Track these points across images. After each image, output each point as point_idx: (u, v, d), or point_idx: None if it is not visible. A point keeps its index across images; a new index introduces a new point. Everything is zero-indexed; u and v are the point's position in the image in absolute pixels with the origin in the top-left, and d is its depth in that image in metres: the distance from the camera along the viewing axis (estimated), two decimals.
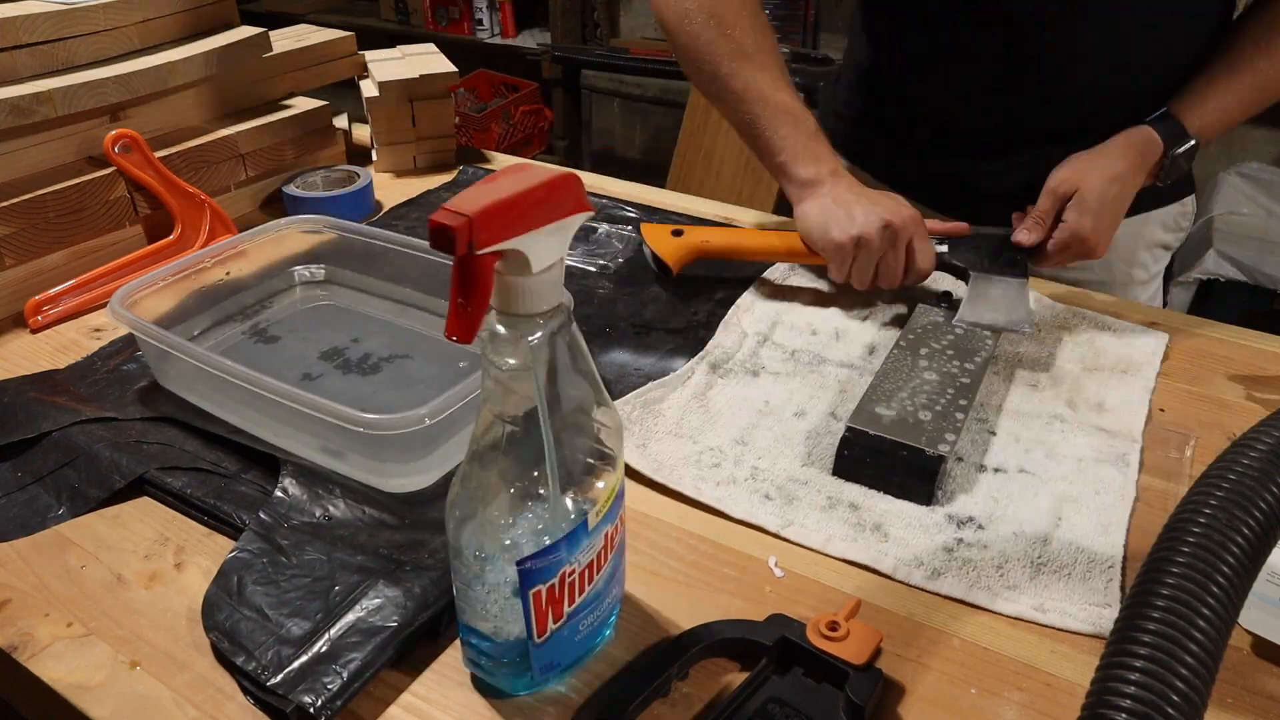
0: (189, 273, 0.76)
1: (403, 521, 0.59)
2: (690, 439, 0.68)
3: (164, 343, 0.66)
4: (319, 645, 0.50)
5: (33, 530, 0.59)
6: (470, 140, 2.97)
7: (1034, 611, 0.54)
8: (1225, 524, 0.38)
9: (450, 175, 1.12)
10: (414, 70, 1.09)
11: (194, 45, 0.95)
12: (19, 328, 0.81)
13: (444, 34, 3.27)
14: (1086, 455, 0.66)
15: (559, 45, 3.03)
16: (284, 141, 1.02)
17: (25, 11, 0.83)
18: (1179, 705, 0.34)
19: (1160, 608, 0.36)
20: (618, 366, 0.76)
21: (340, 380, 0.74)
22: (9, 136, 0.81)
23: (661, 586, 0.56)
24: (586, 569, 0.46)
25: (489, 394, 0.42)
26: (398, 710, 0.49)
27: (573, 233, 0.41)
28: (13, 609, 0.54)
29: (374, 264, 0.83)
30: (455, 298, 0.38)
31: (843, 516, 0.61)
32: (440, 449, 0.62)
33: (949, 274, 0.83)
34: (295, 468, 0.62)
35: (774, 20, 2.64)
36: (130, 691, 0.49)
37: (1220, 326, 0.82)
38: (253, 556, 0.55)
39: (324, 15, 3.44)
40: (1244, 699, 0.49)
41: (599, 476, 0.46)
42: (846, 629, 0.49)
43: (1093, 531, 0.59)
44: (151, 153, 0.88)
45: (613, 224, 0.99)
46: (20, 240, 0.81)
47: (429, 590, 0.53)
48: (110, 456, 0.63)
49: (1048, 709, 0.49)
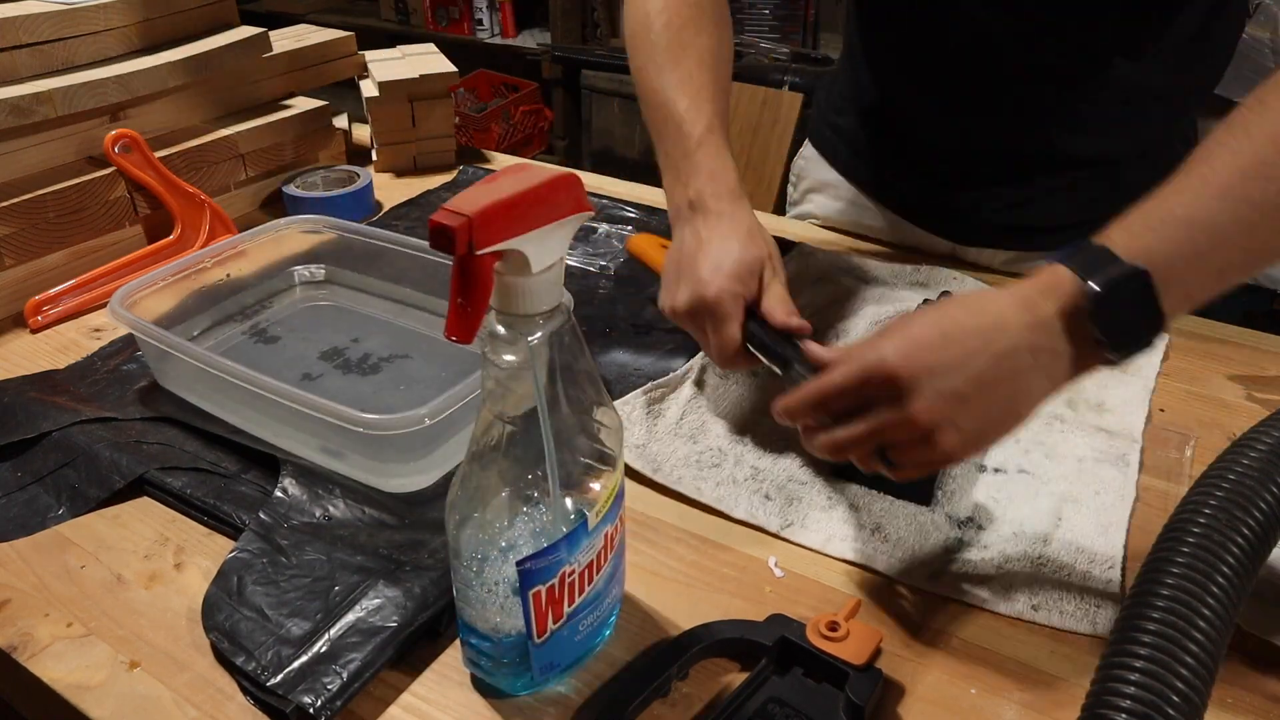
0: (189, 273, 0.76)
1: (403, 521, 0.59)
2: (690, 439, 0.68)
3: (164, 343, 0.66)
4: (319, 645, 0.50)
5: (33, 530, 0.59)
6: (470, 140, 2.97)
7: (1034, 611, 0.54)
8: (1225, 524, 0.38)
9: (450, 175, 1.12)
10: (414, 70, 1.09)
11: (194, 45, 0.95)
12: (19, 328, 0.81)
13: (444, 34, 3.27)
14: (1086, 455, 0.66)
15: (559, 45, 3.02)
16: (284, 141, 1.02)
17: (25, 11, 0.84)
18: (1179, 705, 0.34)
19: (1160, 608, 0.36)
20: (618, 366, 0.76)
21: (340, 380, 0.74)
22: (9, 136, 0.81)
23: (661, 586, 0.56)
24: (586, 569, 0.46)
25: (489, 394, 0.42)
26: (398, 710, 0.49)
27: (573, 233, 0.41)
28: (13, 609, 0.54)
29: (374, 264, 0.83)
30: (455, 298, 0.38)
31: (843, 516, 0.61)
32: (440, 449, 0.62)
33: None
34: (295, 468, 0.62)
35: (774, 20, 2.64)
36: (130, 691, 0.49)
37: (1220, 326, 0.82)
38: (253, 556, 0.55)
39: (324, 15, 3.44)
40: (1244, 699, 0.49)
41: (599, 477, 0.46)
42: (846, 629, 0.49)
43: (1093, 531, 0.59)
44: (151, 153, 0.88)
45: (613, 224, 0.99)
46: (20, 240, 0.81)
47: (429, 590, 0.53)
48: (110, 456, 0.63)
49: (1048, 709, 0.49)
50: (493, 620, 0.46)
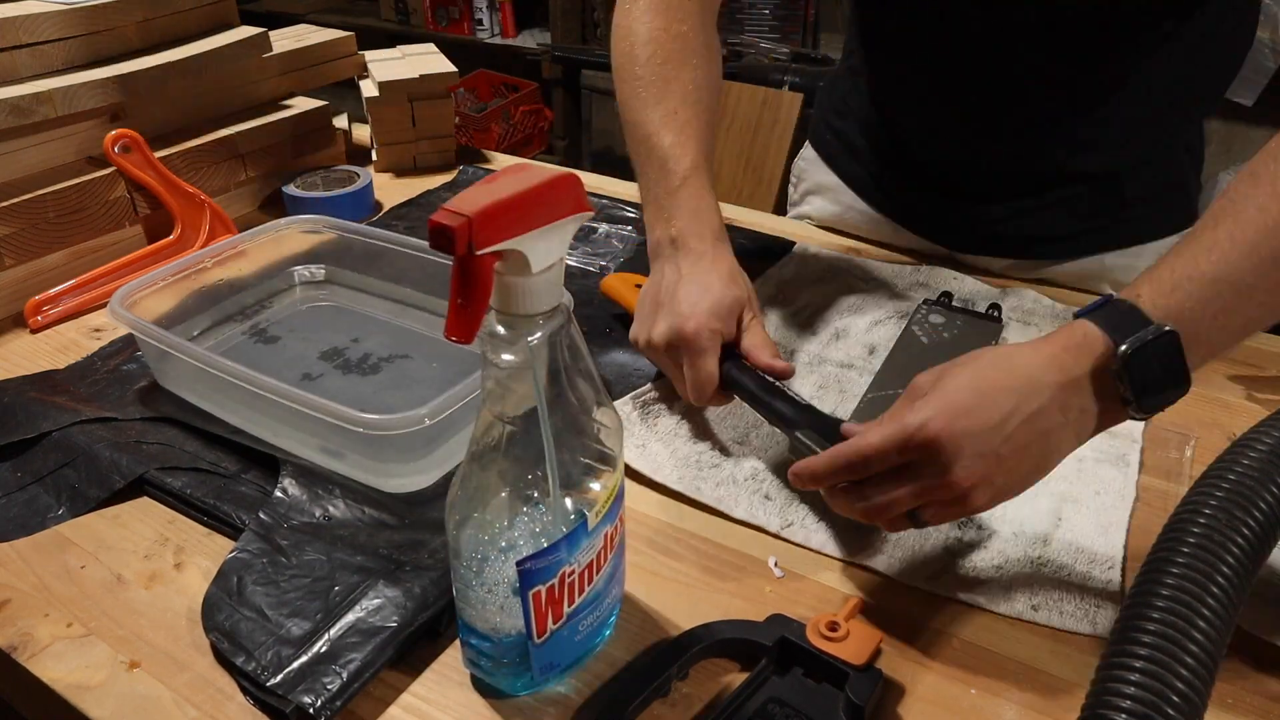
0: (189, 273, 0.76)
1: (403, 521, 0.59)
2: (690, 439, 0.67)
3: (164, 343, 0.66)
4: (319, 645, 0.50)
5: (33, 530, 0.59)
6: (470, 140, 2.97)
7: (1033, 611, 0.54)
8: (1225, 524, 0.38)
9: (450, 175, 1.12)
10: (414, 70, 1.09)
11: (193, 45, 0.95)
12: (19, 328, 0.81)
13: (444, 34, 3.27)
14: (1086, 455, 0.66)
15: (559, 45, 3.02)
16: (284, 141, 1.02)
17: (25, 11, 0.84)
18: (1179, 705, 0.34)
19: (1160, 608, 0.36)
20: (618, 366, 0.76)
21: (340, 380, 0.74)
22: (9, 136, 0.81)
23: (661, 586, 0.56)
24: (586, 569, 0.46)
25: (489, 394, 0.42)
26: (398, 710, 0.49)
27: (573, 233, 0.41)
28: (13, 609, 0.54)
29: (374, 264, 0.83)
30: (455, 298, 0.38)
31: (843, 517, 0.61)
32: (440, 449, 0.62)
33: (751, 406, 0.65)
34: (295, 468, 0.62)
35: (774, 20, 2.64)
36: (130, 691, 0.49)
37: None
38: (252, 557, 0.55)
39: (324, 15, 3.44)
40: (1244, 699, 0.49)
41: (599, 477, 0.46)
42: (846, 629, 0.49)
43: (1093, 531, 0.59)
44: (151, 153, 0.88)
45: (613, 224, 0.99)
46: (20, 240, 0.81)
47: (429, 590, 0.53)
48: (110, 456, 0.63)
49: (1048, 709, 0.49)
50: (493, 620, 0.46)
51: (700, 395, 0.64)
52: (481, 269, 0.38)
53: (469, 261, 0.37)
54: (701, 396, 0.64)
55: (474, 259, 0.37)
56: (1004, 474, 0.50)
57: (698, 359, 0.63)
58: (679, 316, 0.63)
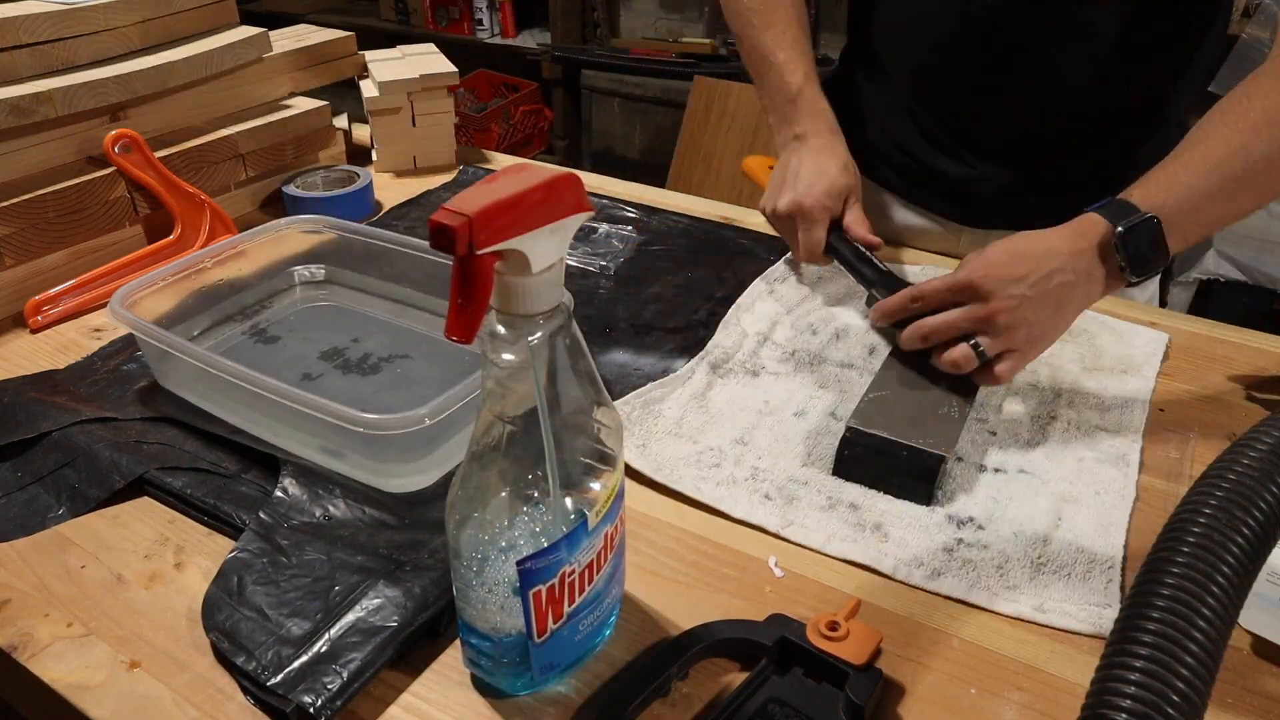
0: (189, 273, 0.76)
1: (403, 521, 0.59)
2: (690, 439, 0.68)
3: (164, 343, 0.66)
4: (319, 645, 0.50)
5: (33, 530, 0.59)
6: (470, 140, 2.97)
7: (1034, 611, 0.54)
8: (1225, 524, 0.38)
9: (450, 175, 1.12)
10: (414, 70, 1.09)
11: (194, 45, 0.95)
12: (19, 328, 0.81)
13: (444, 34, 3.27)
14: (1086, 455, 0.66)
15: (559, 45, 3.02)
16: (284, 141, 1.02)
17: (25, 11, 0.83)
18: (1179, 705, 0.34)
19: (1160, 608, 0.36)
20: (618, 366, 0.76)
21: (340, 380, 0.74)
22: (9, 136, 0.81)
23: (661, 586, 0.56)
24: (586, 569, 0.46)
25: (489, 394, 0.42)
26: (398, 710, 0.49)
27: (573, 233, 0.41)
28: (13, 609, 0.54)
29: (374, 264, 0.83)
30: (455, 298, 0.38)
31: (843, 516, 0.61)
32: (440, 449, 0.62)
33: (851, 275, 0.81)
34: (295, 468, 0.62)
35: None
36: (130, 691, 0.49)
37: (1220, 326, 0.82)
38: (253, 556, 0.55)
39: (324, 15, 3.44)
40: (1244, 699, 0.49)
41: (599, 477, 0.46)
42: (846, 629, 0.49)
43: (1093, 531, 0.59)
44: (151, 153, 0.88)
45: (613, 224, 0.99)
46: (20, 240, 0.81)
47: (429, 590, 0.53)
48: (110, 456, 0.63)
49: (1048, 709, 0.49)
50: (493, 620, 0.46)
51: (810, 256, 0.82)
52: (482, 269, 0.38)
53: (469, 261, 0.37)
54: (811, 257, 0.82)
55: (474, 259, 0.37)
56: (1032, 310, 0.65)
57: (811, 228, 0.81)
58: (799, 194, 0.81)
